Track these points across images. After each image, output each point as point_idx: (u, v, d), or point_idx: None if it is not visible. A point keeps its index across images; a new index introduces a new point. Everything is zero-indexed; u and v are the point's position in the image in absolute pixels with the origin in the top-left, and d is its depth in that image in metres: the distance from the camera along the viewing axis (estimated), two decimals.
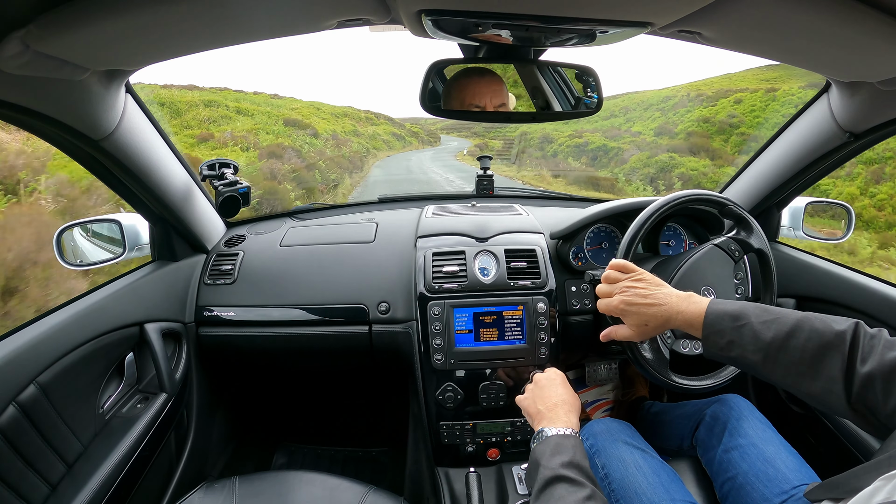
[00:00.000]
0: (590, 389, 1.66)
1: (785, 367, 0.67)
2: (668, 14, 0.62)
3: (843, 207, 1.35)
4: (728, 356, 0.72)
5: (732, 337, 0.70)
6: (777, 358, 0.67)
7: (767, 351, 0.68)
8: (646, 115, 20.73)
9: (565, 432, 0.76)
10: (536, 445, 0.76)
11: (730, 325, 0.71)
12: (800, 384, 0.66)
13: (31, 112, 0.74)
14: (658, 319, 0.77)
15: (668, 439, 1.11)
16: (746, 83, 18.80)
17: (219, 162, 1.25)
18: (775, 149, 1.20)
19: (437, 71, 0.86)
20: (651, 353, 0.97)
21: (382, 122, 27.74)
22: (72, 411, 0.92)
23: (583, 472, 0.68)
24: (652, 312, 0.78)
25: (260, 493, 0.95)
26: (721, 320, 0.72)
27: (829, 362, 0.63)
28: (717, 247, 1.00)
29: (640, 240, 0.98)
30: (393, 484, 1.57)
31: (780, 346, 0.67)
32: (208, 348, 1.28)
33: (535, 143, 21.46)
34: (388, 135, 25.69)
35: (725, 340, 0.71)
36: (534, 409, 0.84)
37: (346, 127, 21.30)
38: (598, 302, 0.86)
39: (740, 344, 0.70)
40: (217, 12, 0.61)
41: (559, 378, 0.89)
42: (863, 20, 0.58)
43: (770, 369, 0.68)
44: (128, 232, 1.19)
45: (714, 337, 0.72)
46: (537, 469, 0.71)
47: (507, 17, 0.64)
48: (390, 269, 1.27)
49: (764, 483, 0.84)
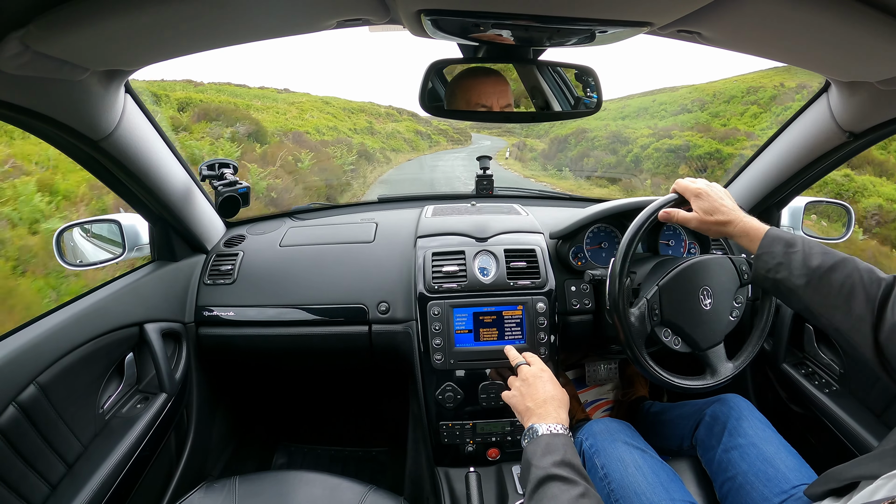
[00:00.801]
0: (590, 389, 1.67)
1: (823, 296, 0.73)
2: (667, 14, 0.62)
3: (842, 207, 1.35)
4: (774, 278, 0.78)
5: (782, 259, 0.77)
6: (818, 286, 0.73)
7: (811, 277, 0.74)
8: (730, 108, 15.64)
9: (555, 430, 0.76)
10: (528, 444, 0.76)
11: (783, 249, 0.78)
12: (833, 315, 0.72)
13: (30, 112, 0.74)
14: (724, 215, 0.85)
15: (668, 439, 1.11)
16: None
17: (218, 162, 1.25)
18: (775, 148, 1.20)
19: (437, 71, 0.86)
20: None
21: (406, 118, 22.82)
22: (72, 411, 0.92)
23: (575, 469, 0.69)
24: (723, 208, 0.85)
25: (260, 493, 0.95)
26: (776, 243, 0.79)
27: (863, 301, 0.69)
28: (730, 260, 1.00)
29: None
30: (393, 484, 1.57)
31: (823, 275, 0.73)
32: (208, 348, 1.28)
33: (603, 143, 15.37)
34: (412, 133, 20.87)
35: (775, 262, 0.78)
36: (522, 406, 0.84)
37: (360, 124, 17.43)
38: (679, 180, 0.92)
39: (788, 267, 0.76)
40: (216, 12, 0.61)
41: (546, 374, 0.89)
42: (863, 20, 0.58)
43: (809, 295, 0.74)
44: (127, 232, 1.20)
45: (766, 257, 0.79)
46: (529, 469, 0.71)
47: (506, 17, 0.64)
48: (390, 269, 1.27)
49: (763, 483, 0.84)
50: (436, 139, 23.04)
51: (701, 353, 0.98)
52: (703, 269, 0.98)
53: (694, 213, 0.88)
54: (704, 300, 0.96)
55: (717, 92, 17.14)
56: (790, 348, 1.25)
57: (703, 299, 0.96)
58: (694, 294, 0.96)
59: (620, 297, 0.96)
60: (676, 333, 0.97)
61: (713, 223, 0.86)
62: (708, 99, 17.17)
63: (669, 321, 0.96)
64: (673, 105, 18.14)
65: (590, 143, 15.89)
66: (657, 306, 0.95)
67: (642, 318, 0.94)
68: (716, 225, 0.85)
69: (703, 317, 0.96)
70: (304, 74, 26.86)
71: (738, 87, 16.83)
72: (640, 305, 0.95)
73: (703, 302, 0.96)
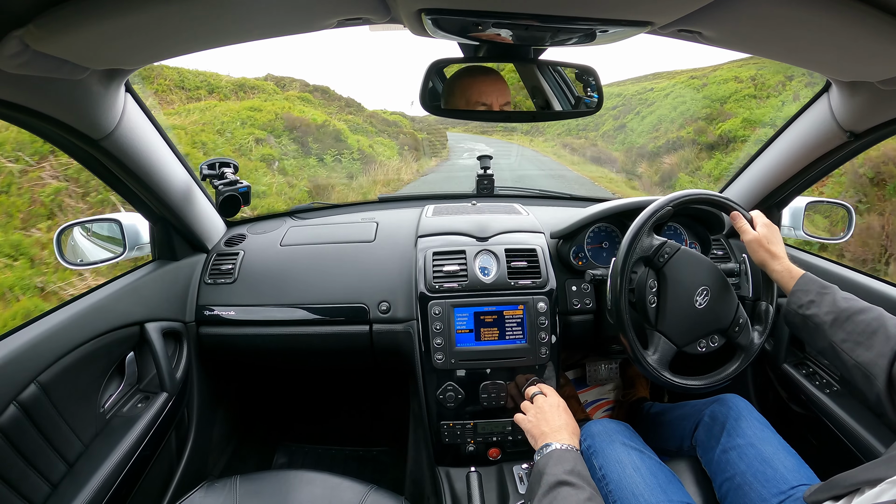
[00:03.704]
0: (590, 389, 1.66)
1: (847, 332, 0.79)
2: (667, 13, 0.62)
3: (843, 207, 1.34)
4: (804, 314, 0.85)
5: (815, 298, 0.85)
6: (844, 324, 0.79)
7: (838, 315, 0.80)
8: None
9: (567, 447, 0.85)
10: (541, 458, 0.85)
11: (816, 289, 0.85)
12: (855, 350, 0.77)
13: (30, 111, 0.74)
14: (777, 249, 0.93)
15: (668, 440, 1.11)
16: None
17: (219, 161, 1.25)
18: (776, 148, 1.20)
19: (438, 70, 0.86)
20: (650, 352, 0.97)
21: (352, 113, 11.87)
22: (72, 411, 0.92)
23: (584, 478, 0.78)
24: (779, 244, 0.94)
25: (261, 493, 0.95)
26: (811, 284, 0.87)
27: (883, 341, 0.74)
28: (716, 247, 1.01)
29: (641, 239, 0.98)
30: (394, 483, 1.57)
31: (849, 316, 0.80)
32: (209, 348, 1.28)
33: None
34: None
35: (808, 299, 0.85)
36: (538, 431, 0.93)
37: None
38: (756, 211, 1.00)
39: (819, 304, 0.83)
40: (216, 11, 0.61)
41: (562, 404, 0.99)
42: (863, 20, 0.58)
43: (834, 331, 0.80)
44: (128, 231, 1.20)
45: (799, 293, 0.86)
46: (541, 476, 0.79)
47: (506, 17, 0.64)
48: (391, 268, 1.27)
49: (762, 483, 0.84)
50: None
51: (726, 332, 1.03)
52: (698, 266, 1.01)
53: (756, 233, 0.95)
54: (699, 301, 0.99)
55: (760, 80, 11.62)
56: (791, 348, 1.24)
57: (705, 299, 0.98)
58: (692, 296, 0.98)
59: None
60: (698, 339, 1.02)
61: (766, 251, 0.93)
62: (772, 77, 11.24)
63: (685, 342, 1.00)
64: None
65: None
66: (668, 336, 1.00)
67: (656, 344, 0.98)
68: (767, 253, 0.93)
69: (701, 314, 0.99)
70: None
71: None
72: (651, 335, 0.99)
73: (696, 303, 0.99)
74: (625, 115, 13.65)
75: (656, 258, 0.97)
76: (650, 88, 14.04)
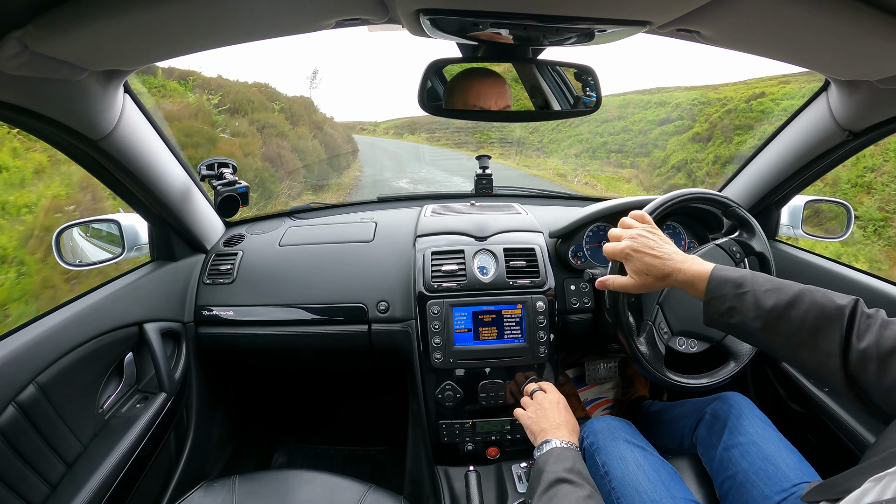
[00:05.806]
0: (590, 388, 1.67)
1: (785, 337, 0.67)
2: (666, 13, 0.62)
3: (842, 206, 1.34)
4: (728, 323, 0.72)
5: (734, 303, 0.70)
6: (777, 327, 0.67)
7: (767, 319, 0.68)
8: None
9: (567, 445, 0.84)
10: (540, 455, 0.84)
11: (732, 291, 0.71)
12: (798, 354, 0.66)
13: (29, 112, 0.74)
14: (659, 271, 0.77)
15: (668, 437, 1.11)
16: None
17: (217, 162, 1.25)
18: (774, 147, 1.20)
19: (436, 70, 0.86)
20: (648, 349, 0.97)
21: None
22: (71, 411, 0.92)
23: (583, 476, 0.76)
24: (655, 263, 0.77)
25: (260, 492, 0.95)
26: (723, 286, 0.72)
27: (828, 336, 0.63)
28: (718, 247, 1.00)
29: None
30: (393, 483, 1.57)
31: (780, 314, 0.67)
32: (208, 348, 1.28)
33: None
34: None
35: (727, 306, 0.71)
36: (538, 427, 0.91)
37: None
38: (605, 245, 0.85)
39: (741, 311, 0.70)
40: (215, 12, 0.61)
41: (562, 402, 0.97)
42: (862, 19, 0.58)
43: (770, 338, 0.68)
44: (127, 232, 1.19)
45: (715, 302, 0.72)
46: (541, 474, 0.78)
47: (505, 17, 0.64)
48: (389, 268, 1.27)
49: (764, 481, 0.84)
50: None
51: (719, 343, 1.02)
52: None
53: (629, 277, 0.81)
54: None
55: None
56: None
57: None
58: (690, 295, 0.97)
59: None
60: (691, 337, 1.02)
61: (652, 281, 0.78)
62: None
63: (680, 331, 1.01)
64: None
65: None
66: (664, 324, 1.00)
67: (653, 343, 0.99)
68: (655, 282, 0.78)
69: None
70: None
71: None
72: (647, 332, 0.99)
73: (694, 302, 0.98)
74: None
75: None
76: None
